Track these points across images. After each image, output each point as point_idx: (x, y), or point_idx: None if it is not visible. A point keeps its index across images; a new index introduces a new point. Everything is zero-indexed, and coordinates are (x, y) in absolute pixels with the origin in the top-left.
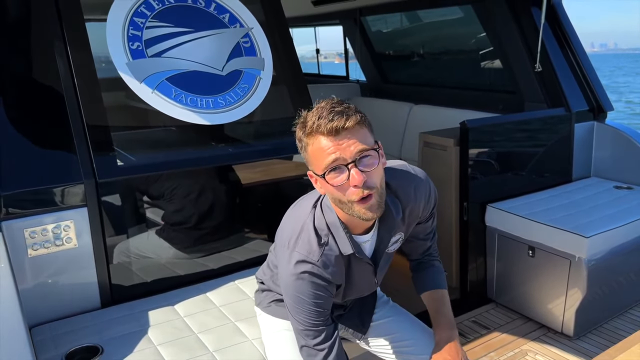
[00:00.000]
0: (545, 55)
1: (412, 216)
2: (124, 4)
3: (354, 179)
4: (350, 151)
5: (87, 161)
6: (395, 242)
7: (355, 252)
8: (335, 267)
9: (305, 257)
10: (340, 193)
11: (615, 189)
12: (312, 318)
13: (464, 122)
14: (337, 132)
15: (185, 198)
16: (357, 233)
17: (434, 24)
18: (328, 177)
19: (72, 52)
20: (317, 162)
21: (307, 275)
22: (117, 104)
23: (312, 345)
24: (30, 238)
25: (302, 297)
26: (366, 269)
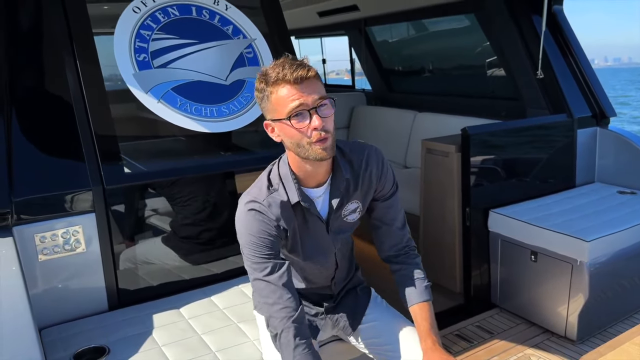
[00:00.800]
0: (547, 62)
1: (365, 184)
2: (131, 17)
3: (315, 122)
4: (312, 98)
5: (95, 169)
6: (354, 211)
7: (301, 200)
8: (281, 211)
9: (254, 198)
10: (300, 135)
11: (619, 194)
12: (258, 252)
13: (465, 128)
14: (301, 81)
15: (190, 204)
16: (308, 186)
17: (438, 33)
18: (293, 120)
19: (81, 64)
20: (280, 108)
21: (253, 212)
22: (124, 113)
23: (262, 276)
24: (41, 243)
25: (249, 232)
26: (319, 226)
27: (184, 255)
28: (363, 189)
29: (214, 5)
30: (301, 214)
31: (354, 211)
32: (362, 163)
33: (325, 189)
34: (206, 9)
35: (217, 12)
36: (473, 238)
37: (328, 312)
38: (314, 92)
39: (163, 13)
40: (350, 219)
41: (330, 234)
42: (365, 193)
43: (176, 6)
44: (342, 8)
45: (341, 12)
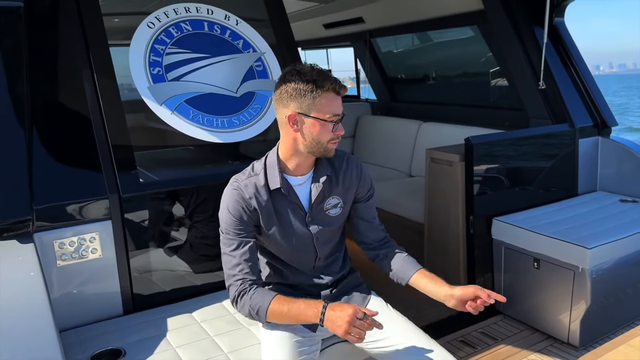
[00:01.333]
0: (549, 72)
1: (346, 182)
2: (146, 32)
3: (341, 130)
4: (341, 111)
5: (112, 177)
6: (335, 206)
7: (282, 187)
8: (256, 193)
9: (235, 180)
10: (328, 136)
11: (620, 203)
12: (230, 228)
13: (468, 138)
14: (340, 95)
15: (202, 211)
16: (292, 174)
17: (442, 44)
18: (335, 125)
19: (98, 77)
20: (325, 109)
21: (230, 190)
22: (140, 124)
23: (228, 251)
24: (59, 249)
25: (225, 207)
26: (297, 213)
27: (196, 261)
28: (344, 186)
29: (225, 20)
30: (282, 200)
31: (335, 206)
32: (342, 163)
33: (307, 178)
34: (217, 24)
35: (228, 27)
36: (477, 246)
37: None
38: (342, 106)
39: (176, 28)
40: (332, 213)
41: (311, 224)
42: (346, 190)
43: (189, 21)
44: (347, 20)
45: (347, 24)
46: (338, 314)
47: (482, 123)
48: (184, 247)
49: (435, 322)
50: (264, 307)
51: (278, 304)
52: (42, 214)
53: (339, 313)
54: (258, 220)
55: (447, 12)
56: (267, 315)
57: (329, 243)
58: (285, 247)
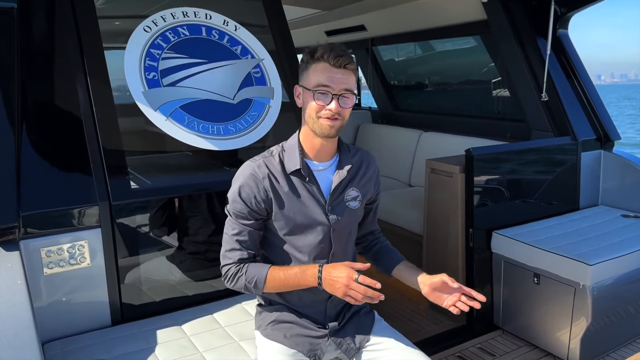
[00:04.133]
0: (552, 84)
1: (366, 177)
2: (142, 36)
3: (332, 106)
4: (339, 86)
5: (102, 184)
6: (354, 198)
7: (302, 169)
8: (272, 175)
9: (250, 160)
10: (315, 109)
11: (622, 218)
12: (237, 211)
13: (469, 149)
14: (338, 67)
15: (196, 221)
16: (312, 159)
17: (444, 53)
18: (316, 94)
19: (92, 81)
20: (313, 78)
21: (242, 171)
22: (133, 129)
23: (230, 234)
24: (46, 257)
25: (237, 189)
26: (316, 200)
27: (188, 271)
28: (364, 180)
29: (224, 25)
30: (299, 184)
31: (354, 198)
32: (363, 159)
33: (329, 165)
34: (216, 30)
35: (227, 32)
36: (476, 259)
37: (332, 334)
38: (344, 82)
39: (173, 33)
40: (352, 205)
41: (329, 211)
42: (365, 185)
43: (186, 26)
44: (349, 28)
45: (348, 32)
46: (334, 276)
47: (483, 134)
48: (176, 256)
49: (431, 337)
50: (261, 276)
51: (275, 272)
52: (29, 221)
53: (335, 275)
54: (270, 206)
55: (450, 21)
56: (265, 284)
57: (343, 242)
58: (299, 236)
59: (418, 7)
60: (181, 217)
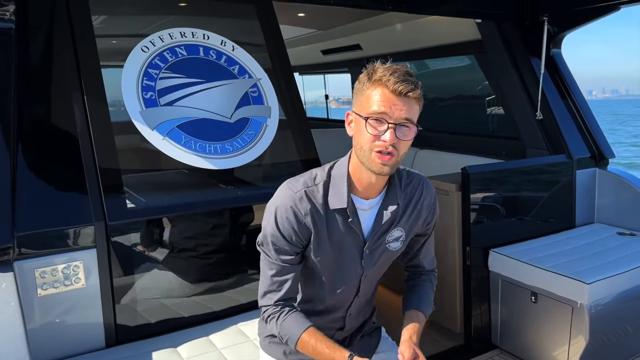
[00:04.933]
0: (546, 103)
1: (415, 213)
2: (140, 56)
3: (387, 136)
4: (398, 115)
5: (98, 204)
6: (397, 239)
7: (348, 209)
8: (315, 211)
9: (290, 188)
10: (368, 139)
11: (618, 235)
12: (276, 246)
13: (464, 168)
14: (399, 94)
15: (193, 240)
16: (358, 195)
17: (440, 71)
18: (370, 121)
19: (88, 99)
20: (367, 105)
21: (281, 201)
22: (129, 148)
23: (268, 274)
24: (41, 278)
25: (274, 222)
26: (355, 242)
27: (184, 292)
28: (412, 217)
29: (221, 45)
30: (340, 223)
31: (397, 239)
32: (416, 190)
33: (375, 203)
34: (213, 50)
35: (224, 52)
36: (473, 278)
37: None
38: (404, 111)
39: (171, 53)
40: (392, 246)
41: (365, 256)
42: (413, 222)
43: (184, 46)
44: (345, 47)
45: (344, 51)
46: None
47: (478, 151)
48: (172, 277)
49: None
50: (294, 337)
51: (307, 340)
52: (23, 242)
53: None
54: (309, 241)
55: (444, 41)
56: (296, 346)
57: (372, 284)
58: (328, 274)
59: (412, 27)
60: (178, 237)
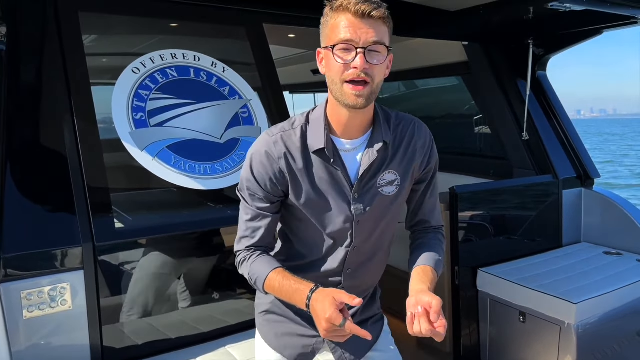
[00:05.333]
0: (532, 124)
1: (408, 155)
2: (130, 77)
3: (357, 62)
4: (365, 38)
5: (87, 225)
6: (390, 183)
7: (327, 149)
8: (289, 154)
9: (267, 132)
10: (338, 70)
11: (605, 255)
12: (251, 192)
13: (452, 188)
14: (362, 16)
15: (182, 262)
16: (339, 137)
17: (428, 91)
18: (336, 50)
19: (78, 120)
20: (332, 35)
21: (257, 146)
22: (118, 169)
23: (244, 219)
24: (27, 300)
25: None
26: (340, 185)
27: (172, 314)
28: (405, 160)
29: (212, 67)
30: (323, 166)
31: (390, 183)
32: (407, 131)
33: (359, 144)
34: (204, 71)
35: (215, 74)
36: (462, 297)
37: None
38: (372, 33)
39: (162, 74)
40: (386, 191)
41: (355, 200)
42: (407, 166)
43: (175, 68)
44: None
45: None
46: (317, 311)
47: (467, 171)
48: (160, 299)
49: None
50: (261, 277)
51: (273, 278)
52: (10, 263)
53: (318, 311)
54: (287, 188)
55: (433, 62)
56: (264, 287)
57: (370, 235)
58: (317, 224)
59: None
60: (166, 258)
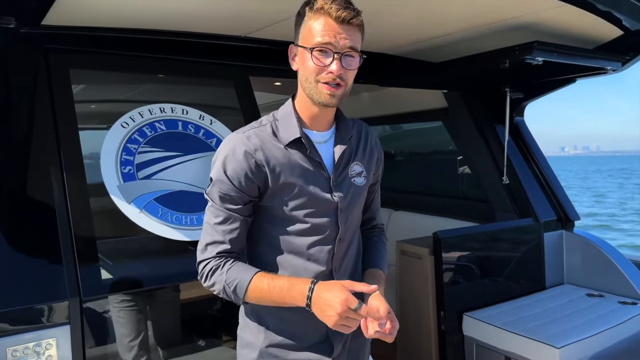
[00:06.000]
0: (512, 168)
1: (368, 150)
2: (119, 132)
3: (333, 67)
4: (343, 44)
5: (74, 279)
6: (359, 174)
7: (303, 138)
8: (265, 146)
9: (235, 132)
10: (314, 71)
11: (587, 297)
12: (223, 193)
13: (436, 233)
14: (342, 22)
15: (171, 315)
16: (309, 129)
17: (412, 132)
18: (315, 53)
19: (67, 174)
20: (311, 37)
21: (227, 144)
22: (107, 223)
23: (212, 223)
24: (12, 356)
25: (221, 166)
26: (319, 175)
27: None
28: (366, 153)
29: (200, 120)
30: (299, 157)
31: (359, 174)
32: (362, 129)
33: (328, 136)
34: (192, 124)
35: (202, 126)
36: (448, 342)
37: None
38: (349, 39)
39: (150, 128)
40: (357, 181)
41: (335, 187)
42: (369, 159)
43: (163, 121)
44: None
45: None
46: (327, 299)
47: (450, 213)
48: (149, 354)
49: None
50: (244, 281)
51: (260, 279)
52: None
53: (329, 298)
54: (264, 184)
55: (414, 108)
56: (247, 292)
57: (350, 225)
58: (298, 220)
59: (383, 94)
60: (155, 310)
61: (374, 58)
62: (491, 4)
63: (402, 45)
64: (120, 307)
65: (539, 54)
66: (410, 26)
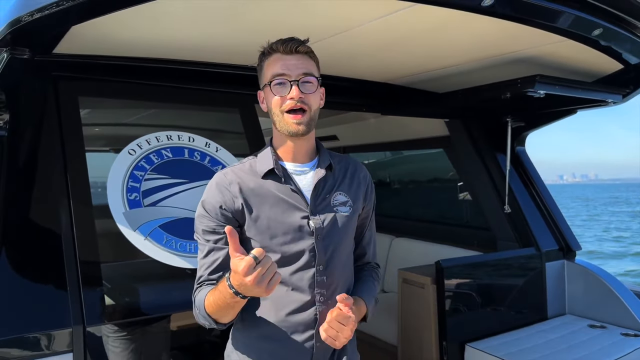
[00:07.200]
0: (513, 197)
1: (355, 182)
2: (126, 159)
3: (293, 93)
4: (296, 71)
5: (78, 307)
6: (344, 203)
7: (276, 169)
8: (241, 180)
9: (219, 172)
10: (277, 103)
11: (589, 328)
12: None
13: (438, 262)
14: (290, 52)
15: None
16: (289, 161)
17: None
18: (272, 86)
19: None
20: (267, 73)
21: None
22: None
23: (199, 258)
24: None
25: (200, 202)
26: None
27: None
28: (353, 184)
29: (205, 147)
30: (274, 187)
31: (344, 204)
32: (349, 164)
33: (310, 167)
34: (198, 151)
35: (208, 153)
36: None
37: None
38: (301, 66)
39: (157, 155)
40: (341, 210)
41: (312, 215)
42: (356, 189)
43: (170, 149)
44: (322, 137)
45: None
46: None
47: (453, 241)
48: None
49: None
50: (201, 300)
51: (208, 294)
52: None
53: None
54: (240, 215)
55: (416, 135)
56: (205, 309)
57: (333, 253)
58: (277, 250)
59: (386, 122)
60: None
61: (378, 87)
62: (494, 39)
63: (406, 76)
64: (123, 336)
65: (541, 87)
66: (416, 59)
